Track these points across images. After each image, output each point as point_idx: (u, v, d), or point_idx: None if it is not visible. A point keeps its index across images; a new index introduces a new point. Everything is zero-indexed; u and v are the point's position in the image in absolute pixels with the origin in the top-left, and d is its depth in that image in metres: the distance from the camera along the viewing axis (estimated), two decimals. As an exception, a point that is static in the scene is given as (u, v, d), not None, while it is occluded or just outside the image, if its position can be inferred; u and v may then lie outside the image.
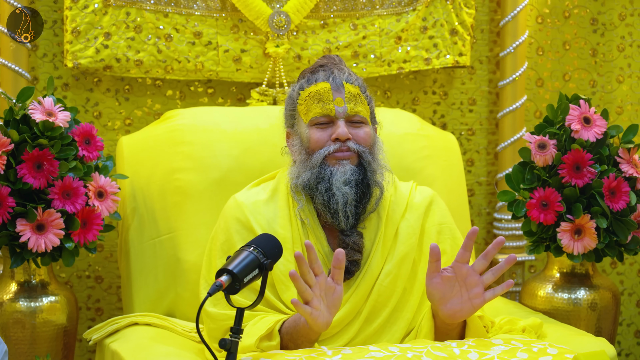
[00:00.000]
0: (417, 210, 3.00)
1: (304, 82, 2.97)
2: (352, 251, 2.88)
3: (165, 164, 3.32)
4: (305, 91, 2.94)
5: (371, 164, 2.91)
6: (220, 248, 2.93)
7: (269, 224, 2.92)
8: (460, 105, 3.91)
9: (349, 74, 2.96)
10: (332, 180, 2.88)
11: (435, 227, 2.99)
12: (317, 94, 2.92)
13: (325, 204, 2.89)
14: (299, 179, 2.91)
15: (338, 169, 2.89)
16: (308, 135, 2.92)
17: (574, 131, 3.28)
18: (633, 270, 4.07)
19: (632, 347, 4.10)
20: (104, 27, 3.49)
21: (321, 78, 2.94)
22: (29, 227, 3.02)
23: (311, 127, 2.92)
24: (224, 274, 2.47)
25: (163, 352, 2.92)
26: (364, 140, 2.92)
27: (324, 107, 2.90)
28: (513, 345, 2.64)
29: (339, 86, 2.92)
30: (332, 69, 2.96)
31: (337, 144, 2.89)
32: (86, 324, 3.62)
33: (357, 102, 2.92)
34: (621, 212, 3.26)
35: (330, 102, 2.90)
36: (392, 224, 2.96)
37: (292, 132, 2.99)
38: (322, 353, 2.58)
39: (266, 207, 2.95)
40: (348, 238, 2.90)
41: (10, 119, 3.08)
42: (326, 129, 2.91)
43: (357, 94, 2.93)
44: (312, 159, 2.90)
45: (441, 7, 3.73)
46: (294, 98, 2.97)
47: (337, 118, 2.90)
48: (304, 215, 2.92)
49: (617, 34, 4.00)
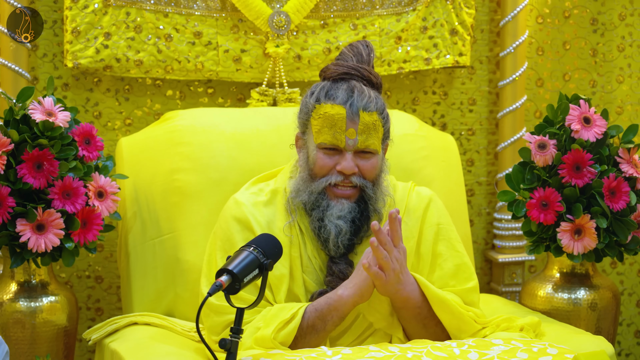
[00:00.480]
0: (415, 213, 3.00)
1: (322, 93, 2.90)
2: (337, 279, 2.89)
3: (164, 164, 3.32)
4: (321, 106, 2.88)
5: (373, 197, 2.91)
6: (221, 247, 2.93)
7: (269, 225, 2.92)
8: (460, 105, 3.91)
9: (369, 98, 2.87)
10: (326, 213, 2.88)
11: (432, 227, 2.99)
12: (332, 118, 2.86)
13: (315, 231, 2.90)
14: (297, 197, 2.91)
15: (335, 205, 2.88)
16: (315, 158, 2.90)
17: (574, 131, 3.28)
18: (633, 270, 4.07)
19: (632, 347, 4.10)
20: (104, 27, 3.49)
21: (339, 99, 2.86)
22: (29, 227, 3.02)
23: (319, 149, 2.89)
24: (224, 274, 2.47)
25: (163, 351, 2.92)
26: (370, 173, 2.90)
27: (334, 137, 2.86)
28: (513, 345, 2.64)
29: (354, 115, 2.85)
30: (353, 87, 2.88)
31: (341, 177, 2.88)
32: (86, 324, 3.62)
33: (371, 133, 2.86)
34: (621, 212, 3.26)
35: (342, 132, 2.85)
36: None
37: (302, 139, 2.97)
38: (322, 353, 2.58)
39: (266, 208, 2.95)
40: (335, 266, 2.90)
41: (10, 119, 3.08)
42: (333, 156, 2.88)
43: (372, 123, 2.87)
44: (314, 184, 2.89)
45: (441, 7, 3.73)
46: (309, 109, 2.91)
47: (346, 150, 2.87)
48: (290, 232, 2.91)
49: (617, 34, 4.00)
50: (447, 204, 3.13)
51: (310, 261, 2.91)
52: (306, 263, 2.91)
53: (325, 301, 2.78)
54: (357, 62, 2.98)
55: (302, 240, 2.93)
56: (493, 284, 3.91)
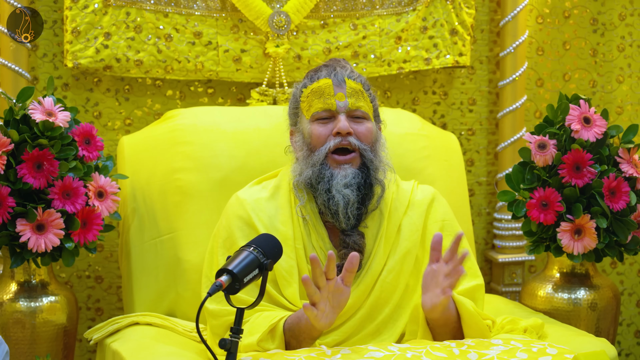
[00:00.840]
0: (419, 208, 3.01)
1: (307, 80, 2.99)
2: (353, 251, 2.88)
3: (165, 164, 3.32)
4: (307, 88, 2.96)
5: (373, 162, 2.92)
6: (222, 245, 2.93)
7: (271, 221, 2.93)
8: (460, 105, 3.91)
9: (352, 71, 2.97)
10: (332, 183, 2.89)
11: (437, 223, 3.00)
12: (319, 89, 2.93)
13: (325, 205, 2.90)
14: (301, 176, 2.93)
15: (339, 172, 2.89)
16: (310, 131, 2.93)
17: (574, 131, 3.28)
18: (633, 270, 4.07)
19: (632, 347, 4.10)
20: (104, 27, 3.49)
21: (323, 75, 2.96)
22: (29, 227, 3.02)
23: (313, 122, 2.93)
24: (224, 274, 2.47)
25: (164, 351, 2.92)
26: (365, 137, 2.93)
27: (325, 102, 2.91)
28: (512, 346, 2.64)
29: (341, 82, 2.93)
30: (334, 66, 2.98)
31: (338, 139, 2.90)
32: (86, 324, 3.62)
33: (359, 97, 2.93)
34: (621, 212, 3.26)
35: (331, 97, 2.91)
36: (395, 221, 2.97)
37: (295, 129, 3.00)
38: (322, 353, 2.58)
39: (268, 204, 2.96)
40: (349, 238, 2.91)
41: (10, 119, 3.08)
42: (327, 124, 2.92)
43: (360, 90, 2.94)
44: (314, 156, 2.91)
45: (441, 7, 3.73)
46: (297, 96, 2.99)
47: (338, 112, 2.91)
48: (304, 212, 2.92)
49: (617, 34, 4.00)
50: (449, 204, 3.13)
51: (314, 250, 2.91)
52: (309, 252, 2.91)
53: (297, 323, 2.75)
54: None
55: (306, 230, 2.93)
56: (493, 284, 3.92)
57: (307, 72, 3.05)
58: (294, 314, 2.78)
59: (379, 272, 2.92)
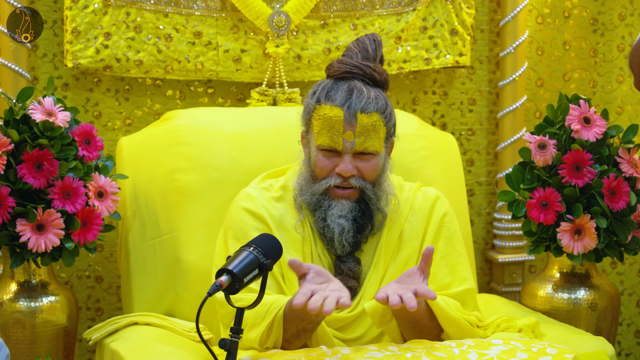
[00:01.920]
0: (420, 212, 3.00)
1: (322, 94, 2.89)
2: (347, 278, 2.89)
3: (165, 164, 3.32)
4: (321, 107, 2.88)
5: (373, 198, 2.91)
6: (233, 236, 2.92)
7: (281, 220, 2.93)
8: (460, 105, 3.91)
9: (368, 99, 2.85)
10: (328, 213, 2.89)
11: (435, 225, 2.99)
12: (330, 120, 2.85)
13: (321, 231, 2.91)
14: (301, 196, 2.93)
15: (336, 205, 2.89)
16: (315, 159, 2.91)
17: (574, 131, 3.28)
18: (633, 270, 4.07)
19: (632, 347, 4.10)
20: (104, 27, 3.49)
21: (338, 100, 2.85)
22: (29, 227, 3.02)
23: (319, 151, 2.90)
24: (223, 274, 2.47)
25: (163, 351, 2.92)
26: (369, 175, 2.90)
27: (332, 139, 2.85)
28: (512, 346, 2.64)
29: (352, 117, 2.84)
30: (353, 88, 2.87)
31: (340, 179, 2.89)
32: (86, 324, 3.62)
33: (370, 134, 2.85)
34: (621, 212, 3.26)
35: (339, 134, 2.85)
36: (396, 228, 2.96)
37: (306, 138, 2.97)
38: (322, 353, 2.58)
39: (277, 203, 2.97)
40: (344, 264, 2.91)
41: (10, 119, 3.08)
42: (332, 158, 2.89)
43: (372, 124, 2.85)
44: (315, 186, 2.91)
45: (441, 7, 3.73)
46: (311, 109, 2.91)
47: (344, 152, 2.87)
48: (300, 229, 2.92)
49: (617, 34, 4.00)
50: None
51: (319, 259, 2.92)
52: (316, 261, 2.91)
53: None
54: (362, 58, 2.96)
55: (313, 237, 2.93)
56: (493, 284, 3.91)
57: (329, 66, 2.95)
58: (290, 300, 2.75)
59: (379, 282, 2.92)
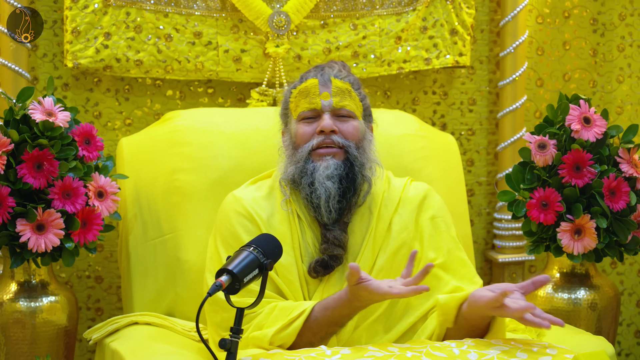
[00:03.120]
0: (411, 204, 3.01)
1: (297, 82, 3.03)
2: (333, 246, 2.90)
3: (165, 164, 3.32)
4: (296, 89, 3.00)
5: (358, 159, 2.94)
6: (223, 241, 2.93)
7: (268, 219, 2.94)
8: (460, 105, 3.91)
9: (339, 71, 3.00)
10: (314, 175, 2.91)
11: (429, 220, 2.99)
12: (306, 89, 2.97)
13: (308, 198, 2.92)
14: (286, 173, 2.96)
15: (321, 164, 2.92)
16: (296, 130, 2.97)
17: (574, 131, 3.28)
18: (633, 270, 4.07)
19: (632, 347, 4.10)
20: (104, 27, 3.49)
21: (311, 75, 3.00)
22: (29, 227, 3.02)
23: (299, 122, 2.97)
24: (223, 274, 2.47)
25: (163, 351, 2.92)
26: (351, 134, 2.95)
27: (310, 102, 2.95)
28: (512, 345, 2.64)
29: (327, 81, 2.96)
30: (323, 67, 3.02)
31: (322, 137, 2.93)
32: (86, 324, 3.62)
33: (345, 96, 2.96)
34: (621, 212, 3.26)
35: (316, 96, 2.95)
36: (385, 219, 2.97)
37: (286, 130, 3.04)
38: (322, 353, 2.58)
39: (265, 203, 2.98)
40: (329, 232, 2.92)
41: (10, 119, 3.08)
42: (312, 124, 2.96)
43: (347, 89, 2.97)
44: (298, 153, 2.94)
45: (441, 7, 3.73)
46: (287, 97, 3.03)
47: (323, 112, 2.94)
48: (288, 206, 2.93)
49: (617, 34, 4.00)
50: (448, 204, 3.13)
51: (308, 249, 2.93)
52: (304, 252, 2.92)
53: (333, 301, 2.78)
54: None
55: (301, 227, 2.94)
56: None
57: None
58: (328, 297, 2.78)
59: (369, 272, 2.92)
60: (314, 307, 2.78)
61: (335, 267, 2.90)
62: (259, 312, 2.82)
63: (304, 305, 2.79)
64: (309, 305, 2.78)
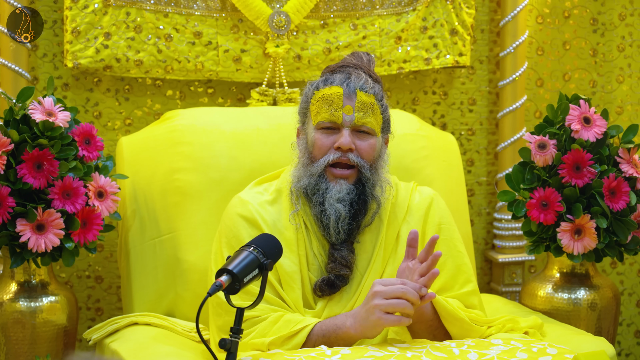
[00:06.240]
0: (418, 213, 3.00)
1: (321, 81, 2.95)
2: (340, 266, 2.89)
3: (165, 164, 3.32)
4: (319, 92, 2.93)
5: (370, 180, 2.91)
6: (227, 243, 2.92)
7: (274, 224, 2.92)
8: (460, 105, 3.91)
9: (366, 81, 2.92)
10: (326, 196, 2.89)
11: (434, 227, 2.99)
12: (329, 97, 2.90)
13: (318, 217, 2.90)
14: (299, 183, 2.92)
15: (334, 186, 2.89)
16: (313, 139, 2.91)
17: (574, 131, 3.28)
18: (633, 270, 4.07)
19: (632, 347, 4.10)
20: (104, 27, 3.49)
21: (337, 81, 2.92)
22: (29, 227, 3.02)
23: (317, 130, 2.91)
24: (223, 274, 2.47)
25: (163, 351, 2.92)
26: (367, 154, 2.91)
27: (332, 113, 2.88)
28: (512, 346, 2.64)
29: (352, 93, 2.89)
30: (350, 73, 2.94)
31: (339, 154, 2.89)
32: (86, 324, 3.62)
33: (368, 112, 2.90)
34: (621, 212, 3.26)
35: (339, 108, 2.88)
36: (394, 227, 2.96)
37: (302, 130, 2.99)
38: (322, 353, 2.58)
39: (271, 207, 2.96)
40: (337, 252, 2.90)
41: (10, 119, 3.08)
42: (331, 136, 2.90)
43: (370, 103, 2.90)
44: (313, 167, 2.91)
45: (441, 7, 3.73)
46: (309, 96, 2.96)
47: (343, 126, 2.89)
48: (297, 220, 2.91)
49: (617, 34, 4.00)
50: (448, 204, 3.13)
51: (315, 258, 2.91)
52: (312, 260, 2.91)
53: (334, 329, 2.75)
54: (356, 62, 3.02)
55: (308, 237, 2.93)
56: (493, 284, 3.92)
57: (325, 68, 3.02)
58: (330, 322, 2.76)
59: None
60: (313, 328, 2.76)
61: (340, 287, 2.89)
62: (263, 317, 2.81)
63: (305, 322, 2.77)
64: (310, 324, 2.76)
